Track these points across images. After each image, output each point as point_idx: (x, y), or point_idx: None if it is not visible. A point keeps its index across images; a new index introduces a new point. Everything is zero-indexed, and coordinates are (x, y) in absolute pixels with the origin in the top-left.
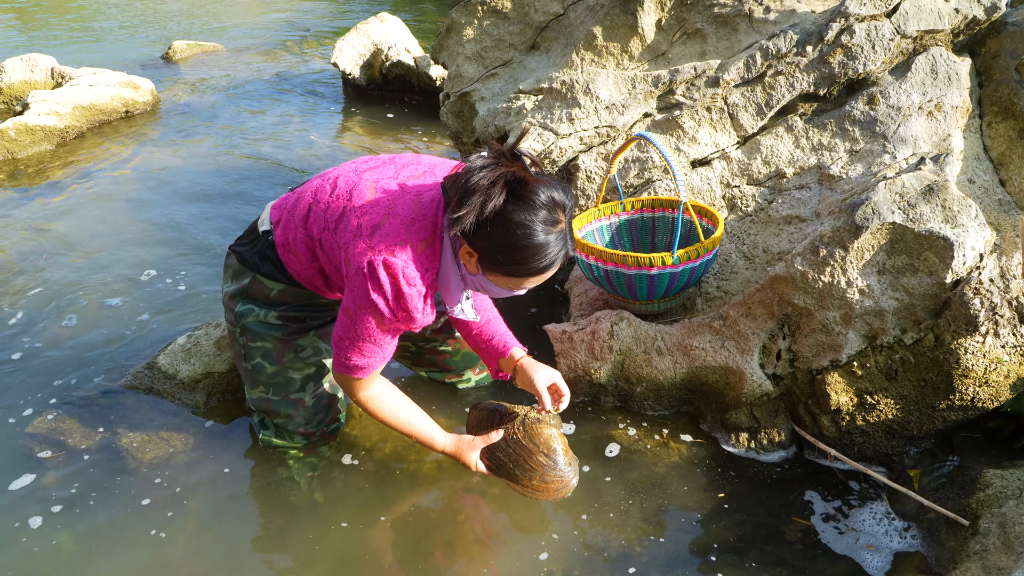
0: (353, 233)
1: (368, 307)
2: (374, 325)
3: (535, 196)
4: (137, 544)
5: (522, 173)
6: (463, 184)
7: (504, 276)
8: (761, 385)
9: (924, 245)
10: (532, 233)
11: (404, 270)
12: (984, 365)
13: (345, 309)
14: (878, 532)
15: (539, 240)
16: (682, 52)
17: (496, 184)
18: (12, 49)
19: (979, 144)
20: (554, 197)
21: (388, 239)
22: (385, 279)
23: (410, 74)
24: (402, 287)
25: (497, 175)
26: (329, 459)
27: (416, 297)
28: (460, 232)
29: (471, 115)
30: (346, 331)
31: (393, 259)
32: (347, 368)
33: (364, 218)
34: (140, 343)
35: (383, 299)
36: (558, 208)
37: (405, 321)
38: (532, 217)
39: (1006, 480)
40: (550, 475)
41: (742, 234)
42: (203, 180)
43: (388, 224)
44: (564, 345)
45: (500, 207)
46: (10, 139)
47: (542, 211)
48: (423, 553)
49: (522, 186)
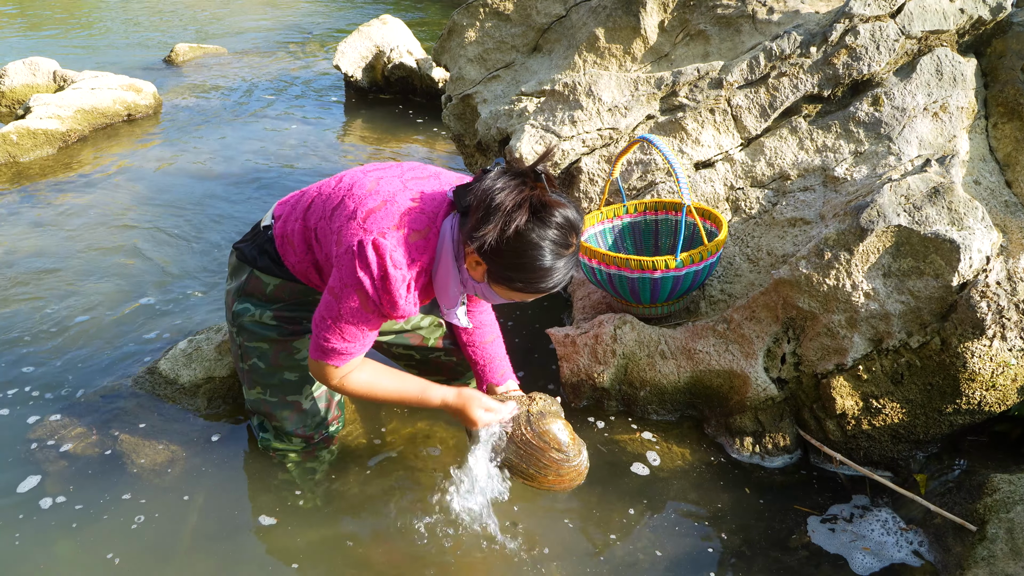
0: (348, 216)
1: (354, 285)
2: (358, 305)
3: (553, 218)
4: (138, 548)
5: (545, 196)
6: (487, 202)
7: (509, 290)
8: (766, 389)
9: (930, 248)
10: (545, 255)
11: (392, 253)
12: (991, 369)
13: (331, 288)
14: (884, 538)
15: (549, 263)
16: (685, 54)
17: (521, 207)
18: (14, 52)
19: (985, 145)
20: (570, 219)
21: (380, 222)
22: (373, 258)
23: (412, 76)
24: (388, 268)
25: (523, 198)
26: (329, 462)
27: (400, 281)
28: (475, 247)
29: (473, 117)
30: (329, 310)
31: (383, 240)
32: (324, 352)
33: (360, 203)
34: (141, 347)
35: (369, 278)
36: (573, 231)
37: (388, 306)
38: (547, 240)
39: (1014, 485)
40: (564, 468)
41: (746, 237)
42: (205, 183)
43: (383, 210)
44: (567, 349)
45: (521, 227)
46: (12, 143)
47: (558, 234)
48: (425, 559)
49: (544, 208)
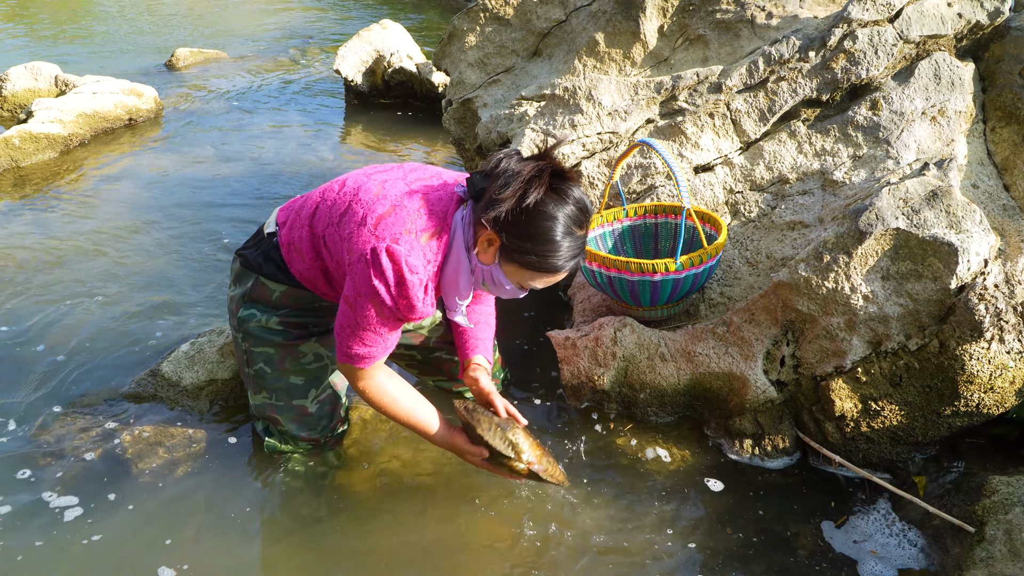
0: (358, 223)
1: (369, 294)
2: (374, 313)
3: (572, 193)
4: (140, 551)
5: (562, 169)
6: (506, 171)
7: (519, 267)
8: (765, 391)
9: (928, 251)
10: (559, 226)
11: (407, 258)
12: (989, 371)
13: (346, 297)
14: (883, 539)
15: (560, 236)
16: (684, 58)
17: (541, 175)
18: (16, 57)
19: (983, 149)
20: (584, 200)
21: (393, 228)
22: (388, 265)
23: (412, 81)
24: (404, 274)
25: (542, 166)
26: (334, 466)
27: (417, 285)
28: (492, 217)
29: (473, 122)
30: (347, 319)
31: (397, 247)
32: (349, 357)
33: (369, 209)
34: (143, 350)
35: (384, 286)
36: (586, 212)
37: (406, 310)
38: (563, 214)
39: (1012, 487)
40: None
41: (745, 240)
42: (206, 188)
43: (394, 215)
44: (567, 351)
45: (540, 197)
46: (14, 147)
47: (575, 210)
48: (429, 563)
49: (561, 180)
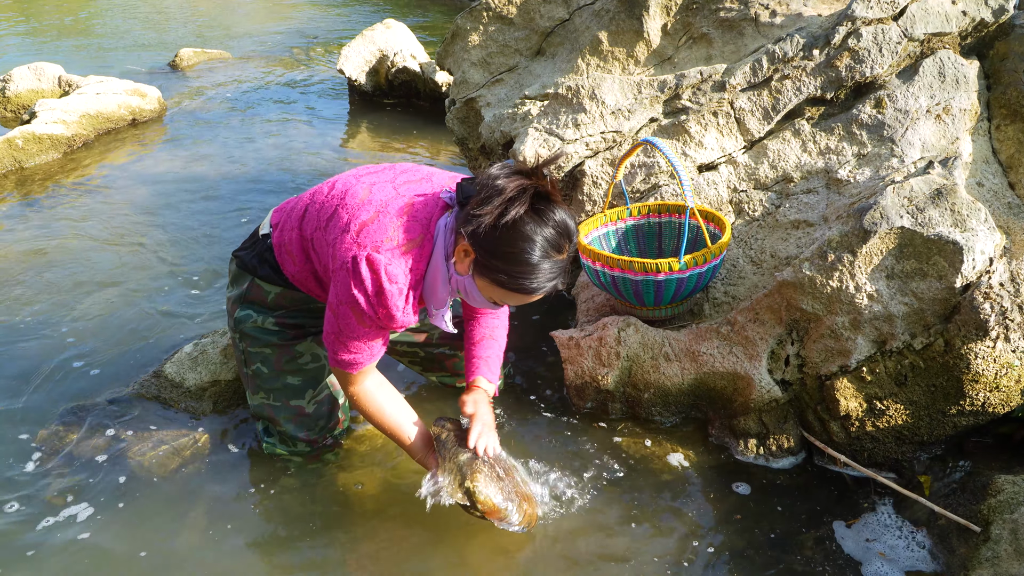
0: (342, 229)
1: (349, 302)
2: (355, 322)
3: (552, 216)
4: (141, 552)
5: (549, 190)
6: (491, 185)
7: (492, 284)
8: (770, 391)
9: (933, 249)
10: (535, 250)
11: (387, 267)
12: (995, 370)
13: (329, 304)
14: (888, 539)
15: (536, 260)
16: (688, 57)
17: (524, 194)
18: (19, 58)
19: (988, 147)
20: (567, 223)
21: (374, 235)
22: (367, 274)
23: (416, 80)
24: (383, 284)
25: (526, 186)
26: (335, 468)
27: (396, 295)
28: (470, 231)
29: (477, 121)
30: (331, 327)
31: (377, 255)
32: (339, 363)
33: (354, 215)
34: (146, 351)
35: (363, 295)
36: (566, 236)
37: (386, 319)
38: (541, 236)
39: (1018, 486)
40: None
41: (749, 239)
42: (209, 188)
43: (376, 222)
44: (571, 351)
45: (519, 216)
46: (17, 148)
47: (553, 233)
48: (432, 565)
49: (544, 202)
